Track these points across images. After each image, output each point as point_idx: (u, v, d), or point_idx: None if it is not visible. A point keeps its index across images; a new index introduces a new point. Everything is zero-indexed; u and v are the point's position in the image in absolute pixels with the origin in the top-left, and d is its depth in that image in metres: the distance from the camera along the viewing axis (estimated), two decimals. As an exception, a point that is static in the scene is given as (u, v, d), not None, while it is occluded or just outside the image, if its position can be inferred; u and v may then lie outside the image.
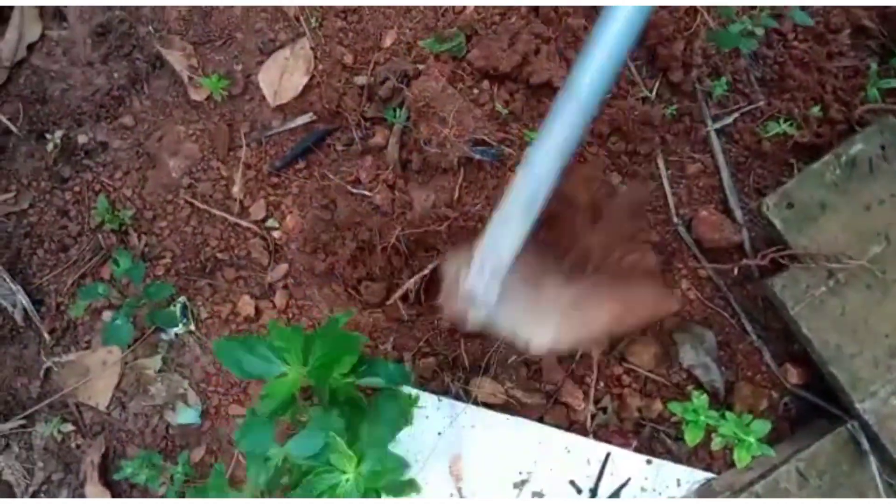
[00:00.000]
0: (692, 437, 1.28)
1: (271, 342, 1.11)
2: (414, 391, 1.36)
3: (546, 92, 1.45)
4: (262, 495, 1.17)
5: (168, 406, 1.50)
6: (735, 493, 1.29)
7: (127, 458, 1.47)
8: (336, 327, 1.16)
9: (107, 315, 1.53)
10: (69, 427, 1.53)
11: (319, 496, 1.05)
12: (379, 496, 1.13)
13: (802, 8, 1.39)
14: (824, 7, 1.51)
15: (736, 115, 1.48)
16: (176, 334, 1.51)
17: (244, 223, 1.53)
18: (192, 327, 1.51)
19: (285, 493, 1.10)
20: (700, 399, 1.30)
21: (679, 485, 1.36)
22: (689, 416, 1.28)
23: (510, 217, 1.05)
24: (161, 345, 1.52)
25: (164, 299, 1.49)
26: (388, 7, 1.54)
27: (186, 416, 1.48)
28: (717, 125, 1.48)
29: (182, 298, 1.51)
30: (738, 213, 1.44)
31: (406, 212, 1.46)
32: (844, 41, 1.50)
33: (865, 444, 1.29)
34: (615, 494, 1.36)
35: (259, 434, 1.11)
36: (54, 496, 1.51)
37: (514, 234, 1.05)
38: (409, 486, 1.25)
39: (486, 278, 1.07)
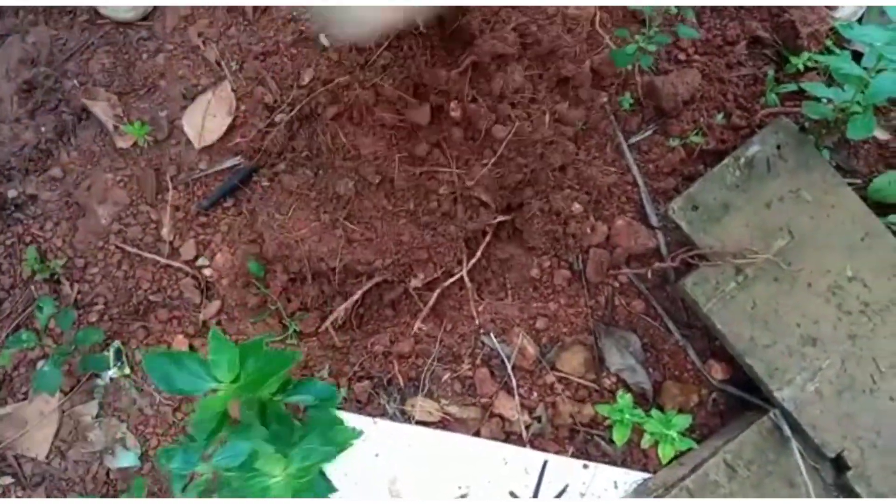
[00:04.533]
0: (620, 436, 1.31)
1: (200, 358, 1.12)
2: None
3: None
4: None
5: (107, 451, 1.49)
6: (668, 489, 1.32)
7: (67, 507, 1.46)
8: (261, 347, 1.17)
9: (41, 365, 1.53)
10: (8, 480, 1.51)
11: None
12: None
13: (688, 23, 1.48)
14: (720, 22, 1.61)
15: (649, 132, 1.55)
16: (111, 379, 1.52)
17: (175, 264, 1.55)
18: (128, 371, 1.51)
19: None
20: (624, 398, 1.33)
21: (616, 486, 1.39)
22: (615, 415, 1.32)
23: None
24: (97, 390, 1.52)
25: (97, 344, 1.50)
26: (306, 48, 1.60)
27: (126, 459, 1.47)
28: (631, 139, 1.55)
29: (116, 343, 1.52)
30: (653, 220, 1.51)
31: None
32: (742, 52, 1.59)
33: (787, 431, 1.33)
34: (553, 501, 1.38)
35: (188, 455, 1.11)
36: (-6, 551, 1.49)
37: None
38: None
39: None
